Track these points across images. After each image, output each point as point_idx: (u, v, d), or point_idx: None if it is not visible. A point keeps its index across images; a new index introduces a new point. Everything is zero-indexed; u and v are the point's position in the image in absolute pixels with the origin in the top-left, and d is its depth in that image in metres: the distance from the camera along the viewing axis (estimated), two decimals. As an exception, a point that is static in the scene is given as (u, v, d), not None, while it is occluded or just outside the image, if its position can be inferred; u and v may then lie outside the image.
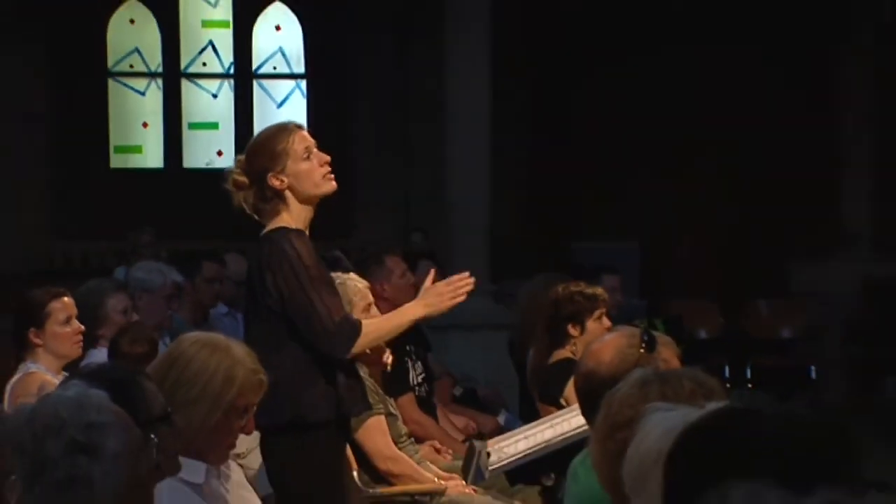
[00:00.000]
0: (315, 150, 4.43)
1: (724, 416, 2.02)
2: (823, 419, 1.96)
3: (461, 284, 4.53)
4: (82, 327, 5.44)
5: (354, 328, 4.30)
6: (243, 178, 4.38)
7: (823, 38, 12.85)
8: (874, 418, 9.70)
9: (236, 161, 4.49)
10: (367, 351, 4.48)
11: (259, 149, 4.43)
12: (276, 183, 4.34)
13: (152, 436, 2.51)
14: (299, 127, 4.49)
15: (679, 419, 2.15)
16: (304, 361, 4.33)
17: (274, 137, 4.42)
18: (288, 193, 4.35)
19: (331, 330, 4.25)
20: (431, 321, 5.74)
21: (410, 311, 4.53)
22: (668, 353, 3.44)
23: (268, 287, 4.29)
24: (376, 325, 4.46)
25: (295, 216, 4.38)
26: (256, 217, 4.45)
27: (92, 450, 2.27)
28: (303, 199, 4.39)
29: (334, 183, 4.45)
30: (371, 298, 5.19)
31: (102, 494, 2.27)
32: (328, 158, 4.45)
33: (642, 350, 3.35)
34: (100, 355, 5.53)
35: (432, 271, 4.75)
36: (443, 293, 4.50)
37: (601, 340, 3.52)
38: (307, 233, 4.43)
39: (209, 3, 14.51)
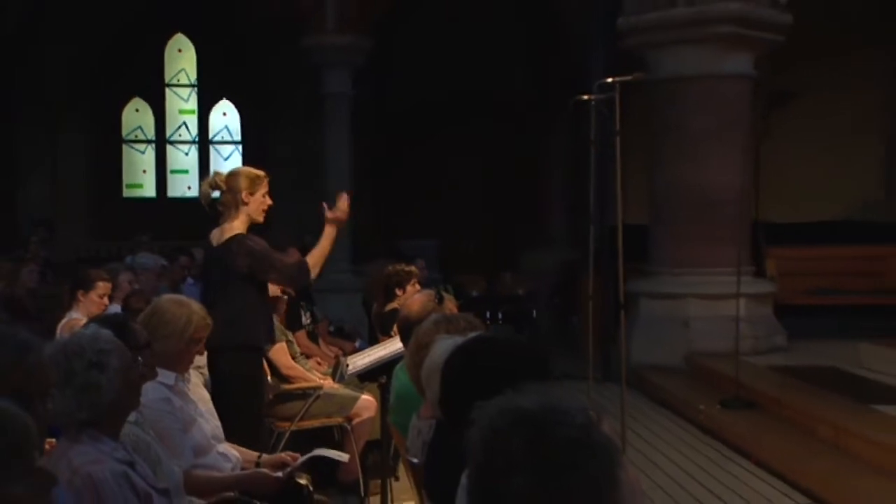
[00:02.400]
0: (268, 195, 4.26)
1: (480, 340, 2.02)
2: (536, 343, 1.97)
3: (342, 203, 4.29)
4: (109, 303, 5.23)
5: (305, 265, 4.19)
6: (223, 184, 4.19)
7: (538, 117, 13.01)
8: (565, 341, 9.92)
9: (216, 174, 4.27)
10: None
11: (244, 175, 4.22)
12: (244, 197, 4.17)
13: (139, 357, 2.40)
14: (267, 177, 4.28)
15: (454, 343, 2.14)
16: (253, 309, 4.19)
17: (257, 178, 4.22)
18: (244, 208, 4.18)
19: (294, 275, 4.21)
20: (315, 286, 5.69)
21: (327, 234, 4.29)
22: (451, 305, 3.45)
23: (238, 265, 4.11)
24: (314, 255, 4.25)
25: (241, 224, 4.20)
26: (207, 209, 4.23)
27: (101, 366, 2.18)
28: (248, 217, 4.22)
29: (262, 219, 4.29)
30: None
31: (108, 393, 2.17)
32: (271, 203, 4.26)
33: (437, 303, 3.35)
34: (115, 308, 5.33)
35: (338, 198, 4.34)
36: (339, 213, 4.29)
37: (413, 298, 3.52)
38: None
39: (183, 99, 14.62)
